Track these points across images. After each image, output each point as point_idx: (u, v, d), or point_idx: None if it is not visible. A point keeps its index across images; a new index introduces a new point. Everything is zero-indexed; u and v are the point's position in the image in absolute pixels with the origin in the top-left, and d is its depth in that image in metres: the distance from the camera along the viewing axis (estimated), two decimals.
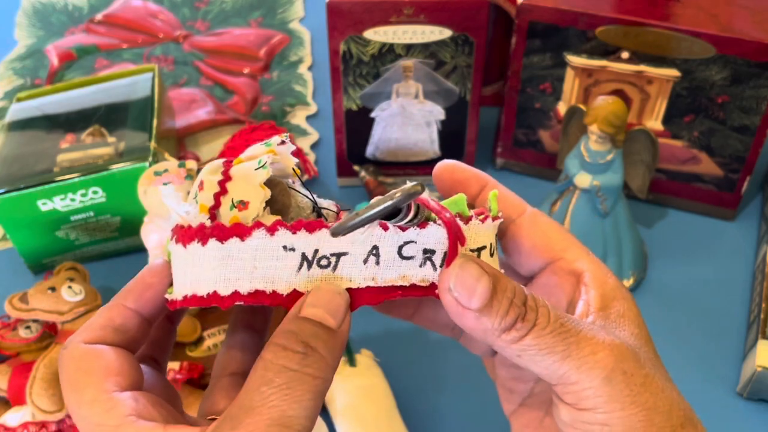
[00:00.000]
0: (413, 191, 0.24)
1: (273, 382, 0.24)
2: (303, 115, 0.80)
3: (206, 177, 0.27)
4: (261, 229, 0.25)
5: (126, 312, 0.28)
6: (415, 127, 0.67)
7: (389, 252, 0.25)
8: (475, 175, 0.31)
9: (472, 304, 0.25)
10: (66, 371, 0.27)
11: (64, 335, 0.52)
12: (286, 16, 0.95)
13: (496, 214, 0.28)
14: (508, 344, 0.25)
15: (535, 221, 0.31)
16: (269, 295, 0.25)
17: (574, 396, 0.26)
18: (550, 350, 0.25)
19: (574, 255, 0.30)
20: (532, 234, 0.30)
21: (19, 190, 0.59)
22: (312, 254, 0.25)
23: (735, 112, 0.60)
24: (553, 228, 0.31)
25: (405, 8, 0.59)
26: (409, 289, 0.25)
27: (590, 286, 0.29)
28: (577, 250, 0.30)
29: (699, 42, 0.58)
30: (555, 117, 0.67)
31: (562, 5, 0.60)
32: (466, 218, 0.26)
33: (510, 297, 0.25)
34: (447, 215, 0.24)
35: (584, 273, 0.29)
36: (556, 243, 0.30)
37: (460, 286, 0.25)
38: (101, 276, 0.61)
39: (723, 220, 0.67)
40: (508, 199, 0.31)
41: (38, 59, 0.89)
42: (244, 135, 0.62)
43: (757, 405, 0.54)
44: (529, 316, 0.25)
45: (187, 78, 0.86)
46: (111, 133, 0.64)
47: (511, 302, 0.25)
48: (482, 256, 0.27)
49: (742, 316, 0.59)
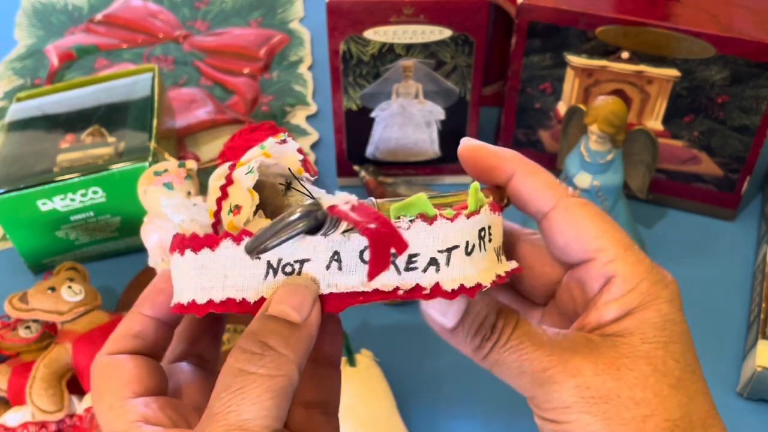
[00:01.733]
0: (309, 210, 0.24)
1: (230, 387, 0.24)
2: (303, 115, 0.80)
3: (212, 182, 0.28)
4: (228, 239, 0.25)
5: (143, 319, 0.30)
6: (415, 127, 0.67)
7: (350, 257, 0.25)
8: (500, 163, 0.29)
9: (445, 324, 0.27)
10: (92, 382, 0.29)
11: (63, 335, 0.52)
12: (286, 16, 0.95)
13: (475, 209, 0.26)
14: (479, 360, 0.27)
15: (569, 214, 0.28)
16: (239, 303, 0.26)
17: (535, 408, 0.27)
18: (507, 366, 0.27)
19: (609, 255, 0.27)
20: (565, 230, 0.28)
21: (19, 190, 0.59)
22: (276, 262, 0.25)
23: (735, 112, 0.60)
24: (590, 221, 0.28)
25: (405, 8, 0.59)
26: (371, 294, 0.25)
27: (612, 293, 0.27)
28: (613, 250, 0.28)
29: (699, 42, 0.58)
30: (555, 117, 0.67)
31: (562, 5, 0.60)
32: (431, 218, 0.25)
33: (480, 320, 0.27)
34: (370, 226, 0.23)
35: (615, 278, 0.27)
36: (590, 241, 0.28)
37: (434, 310, 0.27)
38: (101, 276, 0.61)
39: (723, 220, 0.67)
40: (540, 187, 0.29)
41: (38, 59, 0.89)
42: (244, 135, 0.62)
43: (757, 405, 0.54)
44: (493, 335, 0.27)
45: (187, 78, 0.86)
46: (111, 133, 0.64)
47: (481, 324, 0.27)
48: (453, 256, 0.26)
49: (742, 316, 0.59)
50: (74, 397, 0.51)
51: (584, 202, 0.28)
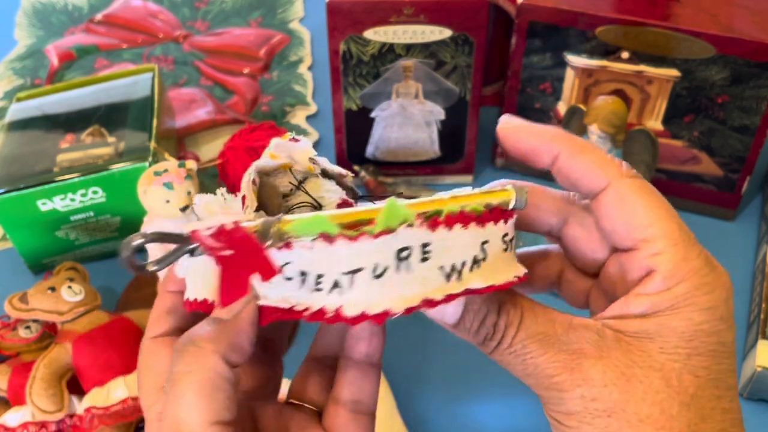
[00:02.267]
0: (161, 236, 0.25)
1: (167, 389, 0.25)
2: (303, 115, 0.80)
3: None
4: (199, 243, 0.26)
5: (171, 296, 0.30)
6: (415, 127, 0.67)
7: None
8: (542, 144, 0.27)
9: (446, 321, 0.26)
10: (137, 367, 0.29)
11: (64, 335, 0.52)
12: (286, 16, 0.95)
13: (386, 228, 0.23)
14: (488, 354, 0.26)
15: (620, 198, 0.26)
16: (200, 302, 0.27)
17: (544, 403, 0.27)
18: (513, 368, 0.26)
19: (655, 247, 0.25)
20: (613, 215, 0.26)
21: (19, 190, 0.59)
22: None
23: (735, 112, 0.60)
24: (641, 207, 0.26)
25: (405, 8, 0.59)
26: (286, 311, 0.24)
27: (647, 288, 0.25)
28: (661, 242, 0.25)
29: (699, 42, 0.58)
30: (555, 117, 0.67)
31: (562, 5, 0.60)
32: (331, 238, 0.23)
33: (480, 318, 0.26)
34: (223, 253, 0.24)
35: (654, 272, 0.25)
36: (637, 230, 0.26)
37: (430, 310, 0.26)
38: (101, 276, 0.61)
39: (723, 220, 0.67)
40: (589, 166, 0.26)
41: (38, 59, 0.89)
42: (244, 135, 0.62)
43: (757, 405, 0.54)
44: (495, 335, 0.26)
45: (187, 78, 0.86)
46: (111, 133, 0.64)
47: (482, 322, 0.26)
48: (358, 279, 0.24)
49: (742, 316, 0.59)
50: (74, 397, 0.51)
51: (640, 184, 0.26)
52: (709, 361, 0.25)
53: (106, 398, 0.49)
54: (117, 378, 0.50)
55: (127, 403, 0.49)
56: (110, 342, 0.52)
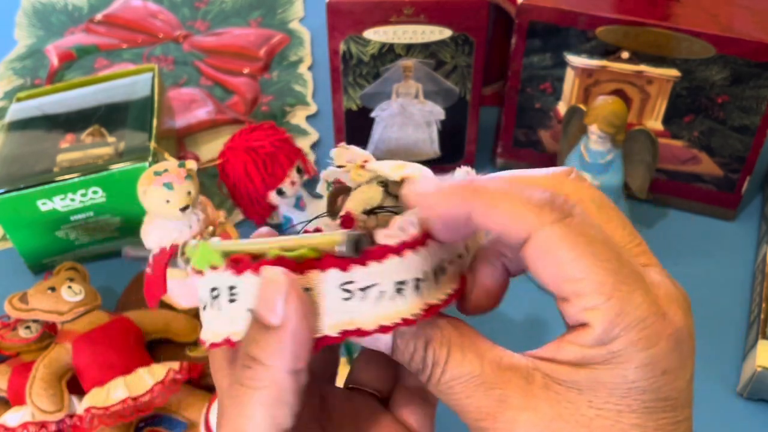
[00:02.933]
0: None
1: (228, 401, 0.25)
2: (303, 115, 0.80)
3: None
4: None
5: None
6: (415, 127, 0.67)
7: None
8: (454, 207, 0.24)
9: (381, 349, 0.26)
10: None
11: (64, 335, 0.52)
12: (286, 16, 0.95)
13: (200, 269, 0.24)
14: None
15: (544, 249, 0.23)
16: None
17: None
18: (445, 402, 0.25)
19: (586, 302, 0.23)
20: (539, 268, 0.23)
21: (19, 190, 0.59)
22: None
23: (735, 112, 0.60)
24: (570, 257, 0.22)
25: (405, 8, 0.59)
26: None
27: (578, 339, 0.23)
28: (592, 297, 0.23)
29: (699, 42, 0.58)
30: (555, 117, 0.67)
31: (562, 5, 0.60)
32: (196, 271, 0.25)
33: (410, 352, 0.25)
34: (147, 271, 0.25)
35: (588, 326, 0.23)
36: (567, 283, 0.23)
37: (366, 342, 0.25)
38: (101, 276, 0.61)
39: (723, 220, 0.67)
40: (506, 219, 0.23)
41: (38, 59, 0.89)
42: (244, 135, 0.62)
43: (757, 405, 0.54)
44: (425, 371, 0.25)
45: (187, 78, 0.86)
46: (111, 133, 0.64)
47: (411, 358, 0.25)
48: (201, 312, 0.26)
49: (742, 316, 0.59)
50: (74, 397, 0.51)
51: (566, 231, 0.22)
52: (643, 419, 0.23)
53: (106, 398, 0.49)
54: (117, 378, 0.50)
55: (126, 403, 0.49)
56: (110, 342, 0.52)
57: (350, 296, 0.24)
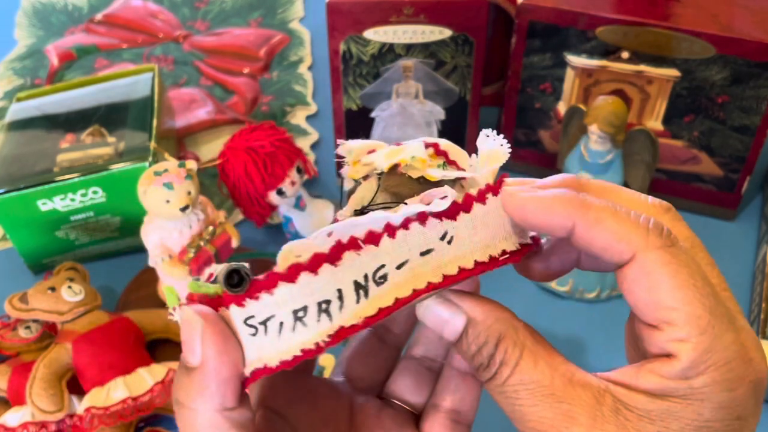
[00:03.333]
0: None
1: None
2: (303, 115, 0.80)
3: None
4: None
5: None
6: (415, 127, 0.67)
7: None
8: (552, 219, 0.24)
9: (446, 336, 0.25)
10: None
11: (64, 335, 0.52)
12: (286, 16, 0.95)
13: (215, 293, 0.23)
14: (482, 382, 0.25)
15: (645, 272, 0.23)
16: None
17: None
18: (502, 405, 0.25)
19: (677, 333, 0.22)
20: (636, 291, 0.23)
21: (19, 190, 0.59)
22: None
23: (735, 112, 0.60)
24: (668, 286, 0.22)
25: (405, 8, 0.59)
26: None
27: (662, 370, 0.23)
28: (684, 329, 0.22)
29: (699, 42, 0.58)
30: (555, 117, 0.67)
31: (562, 5, 0.60)
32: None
33: (478, 345, 0.24)
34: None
35: (674, 359, 0.22)
36: (662, 311, 0.23)
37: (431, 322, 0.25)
38: (101, 276, 0.61)
39: (723, 220, 0.67)
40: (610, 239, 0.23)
41: (38, 59, 0.89)
42: (244, 135, 0.62)
43: None
44: (490, 368, 0.24)
45: (187, 78, 0.86)
46: (111, 133, 0.64)
47: (478, 350, 0.24)
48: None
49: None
50: (74, 397, 0.51)
51: (670, 258, 0.23)
52: None
53: (106, 398, 0.49)
54: (117, 378, 0.50)
55: (126, 403, 0.49)
56: (110, 342, 0.52)
57: (255, 332, 0.23)
